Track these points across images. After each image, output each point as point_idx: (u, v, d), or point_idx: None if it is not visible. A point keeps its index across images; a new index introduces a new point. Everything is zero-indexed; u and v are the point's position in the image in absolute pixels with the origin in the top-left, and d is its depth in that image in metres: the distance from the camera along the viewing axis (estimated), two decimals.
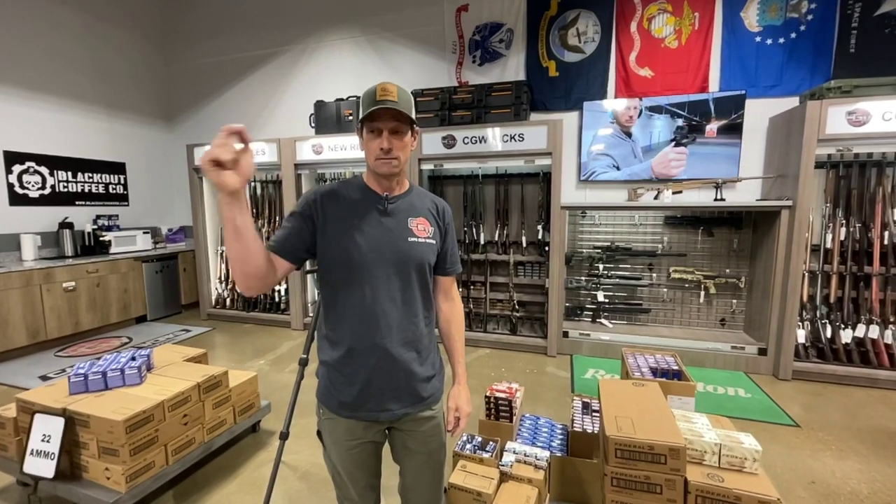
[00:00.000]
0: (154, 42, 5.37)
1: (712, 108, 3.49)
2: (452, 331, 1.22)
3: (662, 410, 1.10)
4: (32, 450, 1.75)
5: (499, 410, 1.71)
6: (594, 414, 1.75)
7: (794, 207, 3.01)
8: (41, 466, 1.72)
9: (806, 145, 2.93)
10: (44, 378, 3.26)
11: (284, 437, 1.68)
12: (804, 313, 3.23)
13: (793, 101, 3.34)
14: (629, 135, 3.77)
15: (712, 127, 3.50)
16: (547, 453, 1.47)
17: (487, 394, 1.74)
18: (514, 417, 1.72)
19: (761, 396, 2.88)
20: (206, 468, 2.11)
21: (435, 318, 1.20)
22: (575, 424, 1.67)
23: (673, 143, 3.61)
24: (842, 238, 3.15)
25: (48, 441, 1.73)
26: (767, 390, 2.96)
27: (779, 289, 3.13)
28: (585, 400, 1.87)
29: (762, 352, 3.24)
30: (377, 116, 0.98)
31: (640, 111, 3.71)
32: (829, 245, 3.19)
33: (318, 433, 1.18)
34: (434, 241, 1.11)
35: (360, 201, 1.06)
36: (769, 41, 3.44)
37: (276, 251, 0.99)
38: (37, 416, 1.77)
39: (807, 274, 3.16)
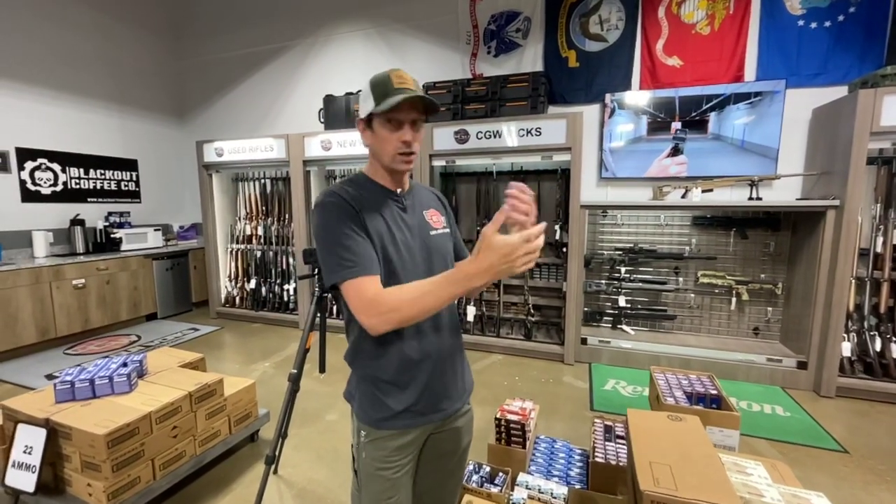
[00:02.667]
0: (164, 38, 5.33)
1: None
2: None
3: (709, 456, 0.91)
4: (14, 461, 1.66)
5: (510, 434, 1.53)
6: (619, 440, 1.56)
7: (842, 207, 2.73)
8: (22, 480, 1.63)
9: (857, 139, 2.64)
10: (49, 377, 3.23)
11: (270, 461, 1.53)
12: (850, 324, 2.94)
13: (839, 91, 3.03)
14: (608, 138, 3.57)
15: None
16: (564, 489, 1.29)
17: (498, 415, 1.56)
18: (528, 443, 1.53)
19: (802, 416, 2.62)
20: (199, 481, 2.00)
21: None
22: (597, 453, 1.48)
23: (670, 152, 3.37)
24: (895, 242, 2.85)
25: (30, 453, 1.64)
26: (808, 408, 2.70)
27: (822, 297, 2.85)
28: (608, 423, 1.67)
29: (802, 365, 2.97)
30: (397, 108, 0.89)
31: (613, 110, 3.47)
32: (879, 249, 2.89)
33: (356, 471, 1.03)
34: (448, 230, 1.08)
35: (380, 200, 0.98)
36: (813, 25, 3.14)
37: (377, 272, 0.88)
38: (20, 426, 1.68)
39: (854, 281, 2.87)
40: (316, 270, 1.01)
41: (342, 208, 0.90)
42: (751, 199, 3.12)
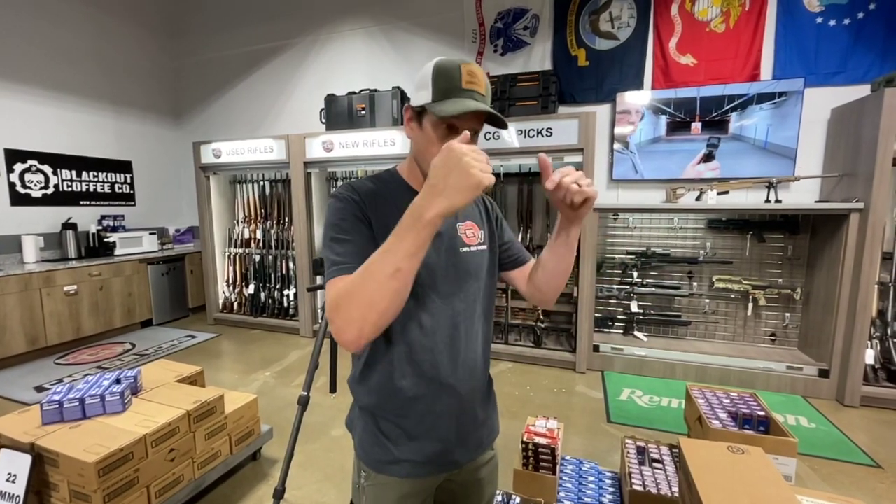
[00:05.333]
0: (160, 36, 5.19)
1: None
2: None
3: (787, 500, 0.79)
4: None
5: (539, 459, 1.41)
6: (654, 465, 1.44)
7: (867, 210, 2.63)
8: None
9: (882, 139, 2.54)
10: (39, 389, 3.08)
11: (279, 494, 1.40)
12: (872, 330, 2.84)
13: (859, 90, 2.94)
14: (627, 145, 3.46)
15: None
16: None
17: (525, 438, 1.44)
18: (557, 467, 1.42)
19: (828, 427, 2.51)
20: None
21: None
22: (633, 479, 1.36)
23: (702, 157, 3.27)
24: None
25: (13, 481, 1.50)
26: (833, 419, 2.60)
27: (845, 303, 2.76)
28: (640, 444, 1.56)
29: (824, 373, 2.87)
30: (460, 115, 0.73)
31: (643, 115, 3.37)
32: None
33: None
34: (485, 247, 0.92)
35: (405, 205, 0.78)
36: (832, 22, 3.05)
37: None
38: (2, 451, 1.54)
39: (877, 286, 2.78)
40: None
41: (354, 202, 0.78)
42: (768, 201, 3.03)
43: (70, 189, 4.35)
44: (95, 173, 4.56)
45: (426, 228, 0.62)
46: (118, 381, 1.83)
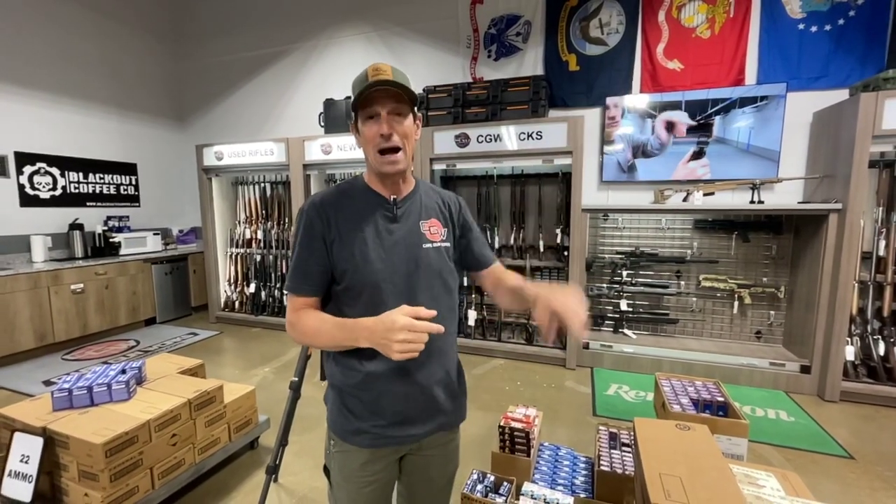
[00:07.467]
0: (164, 41, 5.33)
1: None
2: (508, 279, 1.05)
3: (719, 468, 0.89)
4: (10, 471, 1.63)
5: (514, 442, 1.51)
6: (624, 448, 1.54)
7: (845, 211, 2.72)
8: (18, 489, 1.60)
9: (858, 142, 2.63)
10: (47, 383, 3.20)
11: (271, 471, 1.51)
12: (853, 328, 2.92)
13: (840, 94, 3.03)
14: (616, 148, 3.56)
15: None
16: (570, 500, 1.27)
17: (502, 423, 1.54)
18: (532, 451, 1.51)
19: (806, 421, 2.60)
20: (198, 490, 1.97)
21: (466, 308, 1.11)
22: (602, 461, 1.46)
23: (692, 155, 3.36)
24: None
25: (26, 462, 1.61)
26: (812, 413, 2.68)
27: (826, 300, 2.84)
28: (613, 430, 1.65)
29: (805, 369, 2.95)
30: (372, 99, 0.87)
31: (623, 111, 3.47)
32: (881, 253, 2.88)
33: (325, 469, 1.03)
34: (448, 244, 1.00)
35: (366, 208, 0.94)
36: (814, 28, 3.14)
37: (311, 294, 0.93)
38: (16, 434, 1.66)
39: (857, 284, 2.86)
40: None
41: (311, 220, 0.92)
42: (752, 202, 3.11)
43: (77, 191, 4.48)
44: (101, 175, 4.70)
45: (353, 342, 0.84)
46: (124, 372, 1.94)
